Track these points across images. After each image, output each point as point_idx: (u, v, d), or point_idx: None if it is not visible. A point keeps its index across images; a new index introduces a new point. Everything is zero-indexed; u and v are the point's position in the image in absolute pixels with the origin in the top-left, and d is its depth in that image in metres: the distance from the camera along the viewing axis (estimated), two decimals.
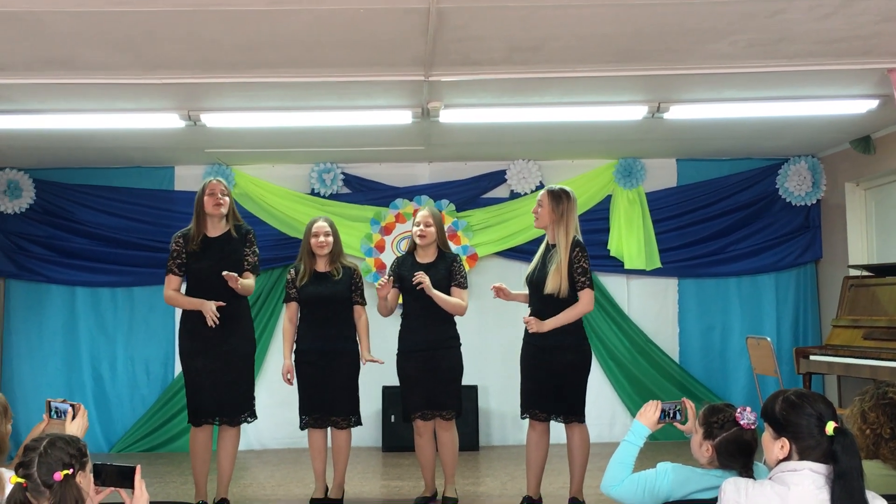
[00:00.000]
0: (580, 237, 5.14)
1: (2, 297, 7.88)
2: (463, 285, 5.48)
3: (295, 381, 5.55)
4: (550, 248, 5.18)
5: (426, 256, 5.53)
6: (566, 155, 7.86)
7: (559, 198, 5.13)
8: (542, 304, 5.12)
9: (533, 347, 5.20)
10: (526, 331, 5.26)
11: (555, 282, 5.01)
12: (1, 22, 4.10)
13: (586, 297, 5.05)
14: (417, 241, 5.50)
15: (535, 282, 5.15)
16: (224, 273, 5.07)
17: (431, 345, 5.44)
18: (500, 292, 5.31)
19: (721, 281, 8.06)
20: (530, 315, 5.21)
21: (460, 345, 5.56)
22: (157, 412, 7.73)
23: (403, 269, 5.52)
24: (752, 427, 2.84)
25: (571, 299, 5.06)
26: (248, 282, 5.25)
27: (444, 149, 7.41)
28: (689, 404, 3.17)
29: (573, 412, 5.13)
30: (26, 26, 4.17)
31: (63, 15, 4.04)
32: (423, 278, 5.26)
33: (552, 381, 5.10)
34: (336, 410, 5.51)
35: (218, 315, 5.10)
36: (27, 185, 7.74)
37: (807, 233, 8.01)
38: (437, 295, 5.33)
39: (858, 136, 7.08)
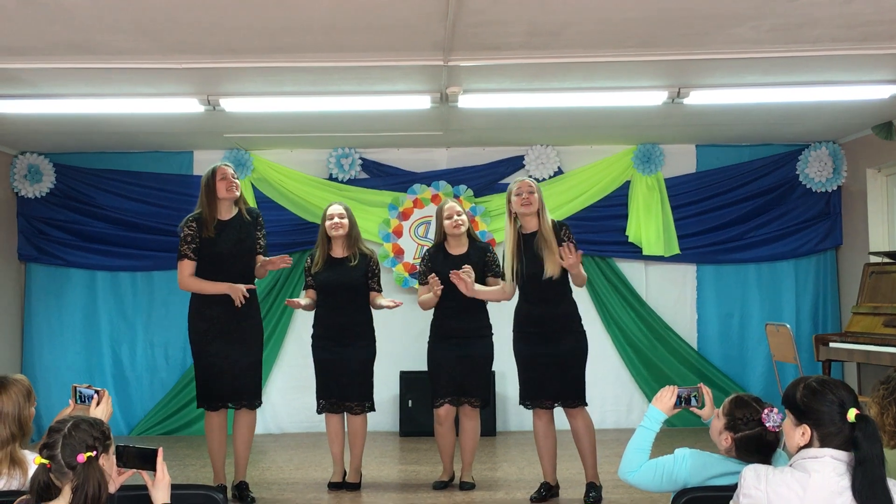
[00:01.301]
0: None
1: (23, 280, 7.94)
2: (499, 274, 5.48)
3: (312, 364, 5.62)
4: (530, 238, 5.20)
5: (458, 247, 5.53)
6: (585, 140, 7.83)
7: (539, 188, 5.26)
8: (541, 290, 5.16)
9: (531, 335, 5.21)
10: (521, 321, 5.27)
11: (553, 264, 5.08)
12: (22, 6, 4.12)
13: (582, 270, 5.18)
14: (454, 232, 5.48)
15: (531, 273, 5.17)
16: (273, 260, 5.25)
17: (465, 332, 5.48)
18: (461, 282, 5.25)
19: (740, 267, 8.02)
20: (522, 303, 5.26)
21: (492, 334, 5.58)
22: (176, 396, 7.79)
23: (436, 264, 5.52)
24: (777, 430, 2.82)
25: (563, 277, 5.16)
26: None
27: (462, 134, 7.40)
28: (706, 389, 3.16)
29: (576, 396, 5.16)
30: (47, 11, 4.18)
31: None
32: (463, 283, 5.20)
33: (554, 367, 5.12)
34: (350, 396, 5.55)
35: (247, 295, 5.15)
36: (47, 170, 7.78)
37: (827, 219, 7.95)
38: (480, 290, 5.32)
39: (880, 122, 7.01)
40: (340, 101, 5.99)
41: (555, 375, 5.14)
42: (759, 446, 2.86)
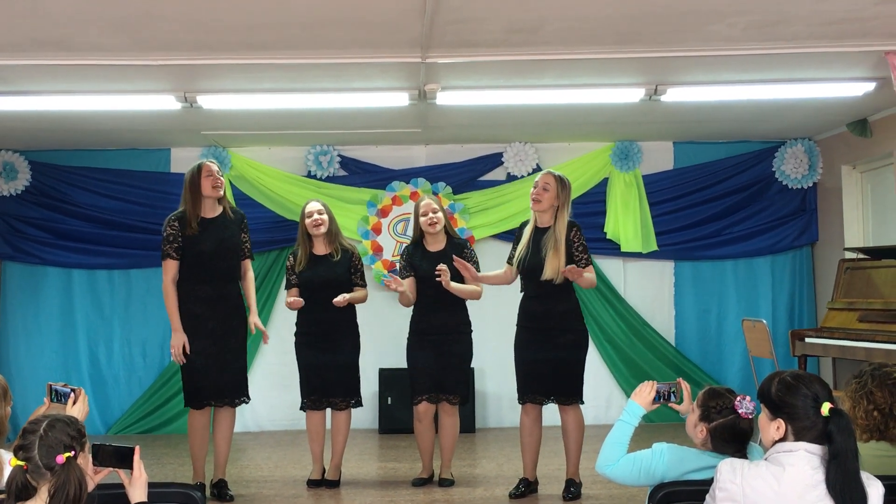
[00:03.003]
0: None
1: None
2: (476, 271, 5.49)
3: (295, 363, 5.62)
4: (541, 232, 5.19)
5: (436, 244, 5.54)
6: (563, 137, 7.85)
7: (564, 184, 5.21)
8: (538, 288, 5.16)
9: (532, 331, 5.22)
10: (523, 315, 5.29)
11: (553, 267, 5.06)
12: None
13: (593, 273, 5.20)
14: (429, 230, 5.49)
15: (530, 267, 5.18)
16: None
17: (444, 329, 5.48)
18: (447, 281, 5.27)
19: (717, 264, 8.07)
20: (526, 298, 5.25)
21: (472, 331, 5.59)
22: (154, 394, 7.75)
23: (415, 259, 5.53)
24: (750, 417, 2.85)
25: (567, 282, 5.11)
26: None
27: (440, 131, 7.40)
28: (685, 385, 3.17)
29: (572, 393, 5.17)
30: (22, 7, 4.15)
31: None
32: (444, 273, 5.23)
33: (554, 363, 5.13)
34: (336, 392, 5.55)
35: (183, 358, 5.17)
36: (23, 167, 7.71)
37: (803, 216, 8.01)
38: (455, 288, 5.35)
39: (855, 119, 7.07)
40: (318, 98, 5.98)
41: (551, 372, 5.14)
42: (733, 434, 2.89)
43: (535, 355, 5.19)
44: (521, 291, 5.36)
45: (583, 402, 5.21)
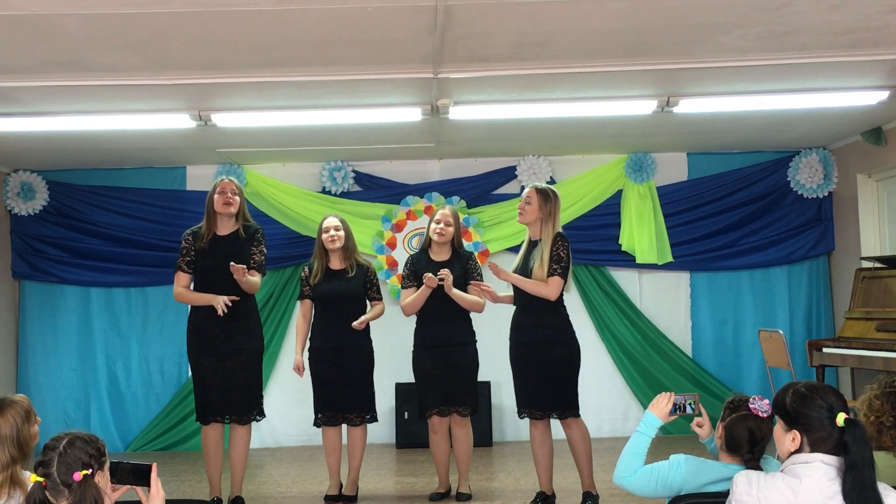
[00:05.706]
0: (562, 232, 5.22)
1: (17, 298, 7.93)
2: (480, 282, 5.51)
3: (309, 377, 5.61)
4: (533, 244, 5.21)
5: (441, 254, 5.56)
6: (576, 150, 7.85)
7: (547, 196, 5.18)
8: (527, 298, 5.16)
9: (522, 346, 5.22)
10: (513, 330, 5.30)
11: (539, 277, 5.07)
12: (11, 25, 4.13)
13: (553, 285, 5.07)
14: (435, 237, 5.51)
15: None
16: (231, 265, 5.07)
17: (448, 341, 5.48)
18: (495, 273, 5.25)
19: (733, 274, 8.04)
20: (516, 311, 5.30)
21: (476, 341, 5.59)
22: (172, 411, 7.78)
23: (419, 267, 5.55)
24: (761, 415, 2.86)
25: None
26: (253, 279, 5.25)
27: (454, 145, 7.42)
28: (704, 413, 3.19)
29: (568, 407, 5.13)
30: (37, 29, 4.20)
31: (73, 17, 4.06)
32: (447, 276, 5.29)
33: (544, 378, 5.11)
34: (350, 408, 5.55)
35: (229, 304, 5.12)
36: (40, 187, 7.78)
37: (819, 225, 7.98)
38: (458, 294, 5.37)
39: (869, 128, 7.05)
40: (332, 114, 6.02)
41: (543, 386, 5.13)
42: (743, 431, 2.89)
43: (526, 370, 5.19)
44: (514, 304, 5.36)
45: (577, 416, 5.15)
